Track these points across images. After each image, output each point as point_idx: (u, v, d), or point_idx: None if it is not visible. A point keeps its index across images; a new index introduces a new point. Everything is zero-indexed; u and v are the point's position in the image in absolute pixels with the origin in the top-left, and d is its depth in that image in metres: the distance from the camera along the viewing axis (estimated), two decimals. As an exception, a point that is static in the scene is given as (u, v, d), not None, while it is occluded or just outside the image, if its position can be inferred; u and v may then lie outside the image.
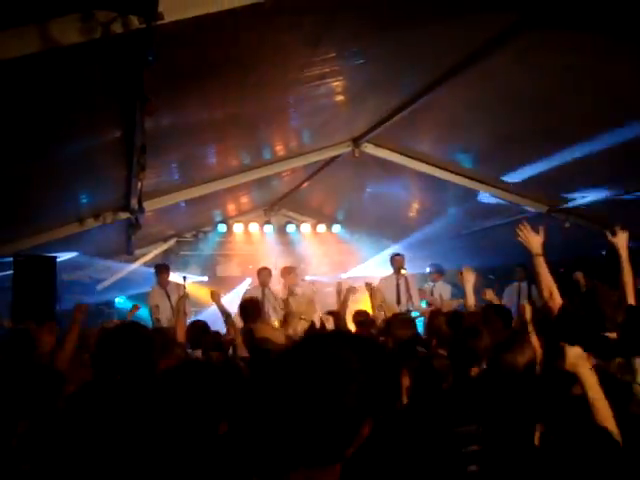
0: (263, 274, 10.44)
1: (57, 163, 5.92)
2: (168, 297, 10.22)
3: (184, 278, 10.48)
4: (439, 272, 11.33)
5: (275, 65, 5.15)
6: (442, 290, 10.93)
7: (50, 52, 3.23)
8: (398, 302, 10.26)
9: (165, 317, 9.81)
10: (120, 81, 4.26)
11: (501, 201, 9.45)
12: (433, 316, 6.74)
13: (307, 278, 11.71)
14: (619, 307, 4.21)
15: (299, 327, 5.67)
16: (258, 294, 10.25)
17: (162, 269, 10.54)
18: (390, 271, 10.67)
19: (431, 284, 11.27)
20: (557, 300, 4.62)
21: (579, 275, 7.00)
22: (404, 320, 5.71)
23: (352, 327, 6.97)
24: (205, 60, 4.47)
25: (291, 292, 9.77)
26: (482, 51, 5.33)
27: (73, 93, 4.26)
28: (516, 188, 9.08)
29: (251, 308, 6.95)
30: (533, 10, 4.59)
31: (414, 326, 5.67)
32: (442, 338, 5.21)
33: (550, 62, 5.38)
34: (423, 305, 10.45)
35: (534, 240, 4.78)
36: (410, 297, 10.41)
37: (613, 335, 4.07)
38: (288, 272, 10.83)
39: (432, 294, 10.94)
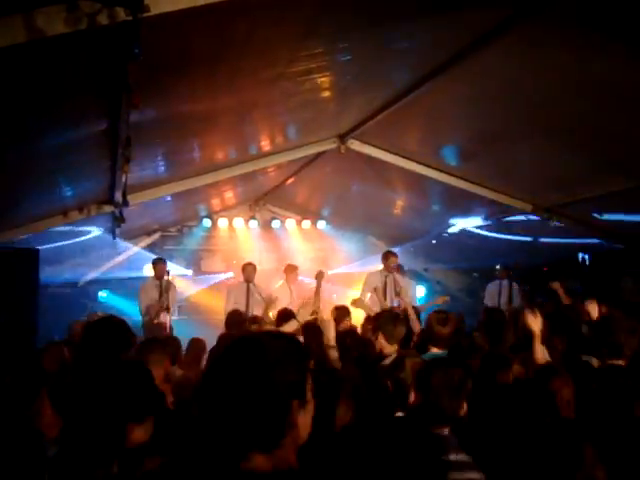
0: (248, 269, 10.41)
1: (41, 155, 5.86)
2: (160, 290, 10.16)
3: (167, 272, 10.47)
4: (401, 271, 11.45)
5: (262, 60, 5.13)
6: (406, 286, 11.11)
7: (35, 42, 3.20)
8: (385, 298, 10.34)
9: (153, 310, 9.80)
10: (105, 73, 4.23)
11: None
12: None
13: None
14: (633, 334, 4.28)
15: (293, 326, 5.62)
16: (243, 289, 10.28)
17: (159, 261, 10.42)
18: (379, 267, 10.78)
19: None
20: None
21: (556, 285, 7.06)
22: (393, 316, 5.69)
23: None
24: (191, 53, 4.45)
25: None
26: (470, 48, 5.33)
27: (57, 84, 4.22)
28: (501, 187, 9.13)
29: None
30: (524, 6, 4.60)
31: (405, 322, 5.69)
32: (435, 337, 5.22)
33: (540, 59, 5.38)
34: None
35: (534, 323, 4.71)
36: (397, 294, 10.50)
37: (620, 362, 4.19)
38: (292, 270, 10.98)
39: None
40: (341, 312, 7.25)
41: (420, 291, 11.62)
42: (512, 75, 5.79)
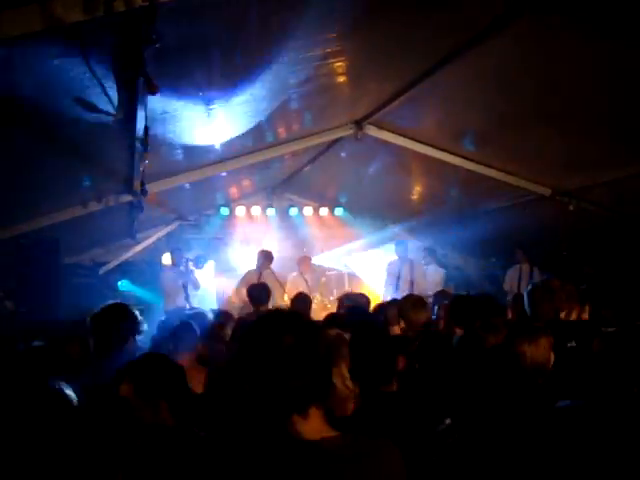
0: (262, 256, 10.63)
1: (59, 144, 5.90)
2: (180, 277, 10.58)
3: (187, 260, 10.63)
4: (430, 256, 11.47)
5: (278, 45, 5.12)
6: (434, 273, 11.26)
7: (53, 30, 3.22)
8: (397, 288, 10.57)
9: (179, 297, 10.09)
10: (122, 59, 4.24)
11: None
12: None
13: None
14: None
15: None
16: (255, 277, 10.41)
17: (176, 250, 11.09)
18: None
19: (424, 268, 11.40)
20: None
21: None
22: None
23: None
24: (208, 39, 4.46)
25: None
26: (484, 33, 5.31)
27: (75, 72, 4.24)
28: (520, 171, 9.07)
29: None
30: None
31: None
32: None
33: (550, 45, 5.38)
34: None
35: None
36: (412, 283, 10.67)
37: None
38: (305, 260, 11.44)
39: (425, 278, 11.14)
40: None
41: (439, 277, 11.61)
42: (528, 59, 5.76)
